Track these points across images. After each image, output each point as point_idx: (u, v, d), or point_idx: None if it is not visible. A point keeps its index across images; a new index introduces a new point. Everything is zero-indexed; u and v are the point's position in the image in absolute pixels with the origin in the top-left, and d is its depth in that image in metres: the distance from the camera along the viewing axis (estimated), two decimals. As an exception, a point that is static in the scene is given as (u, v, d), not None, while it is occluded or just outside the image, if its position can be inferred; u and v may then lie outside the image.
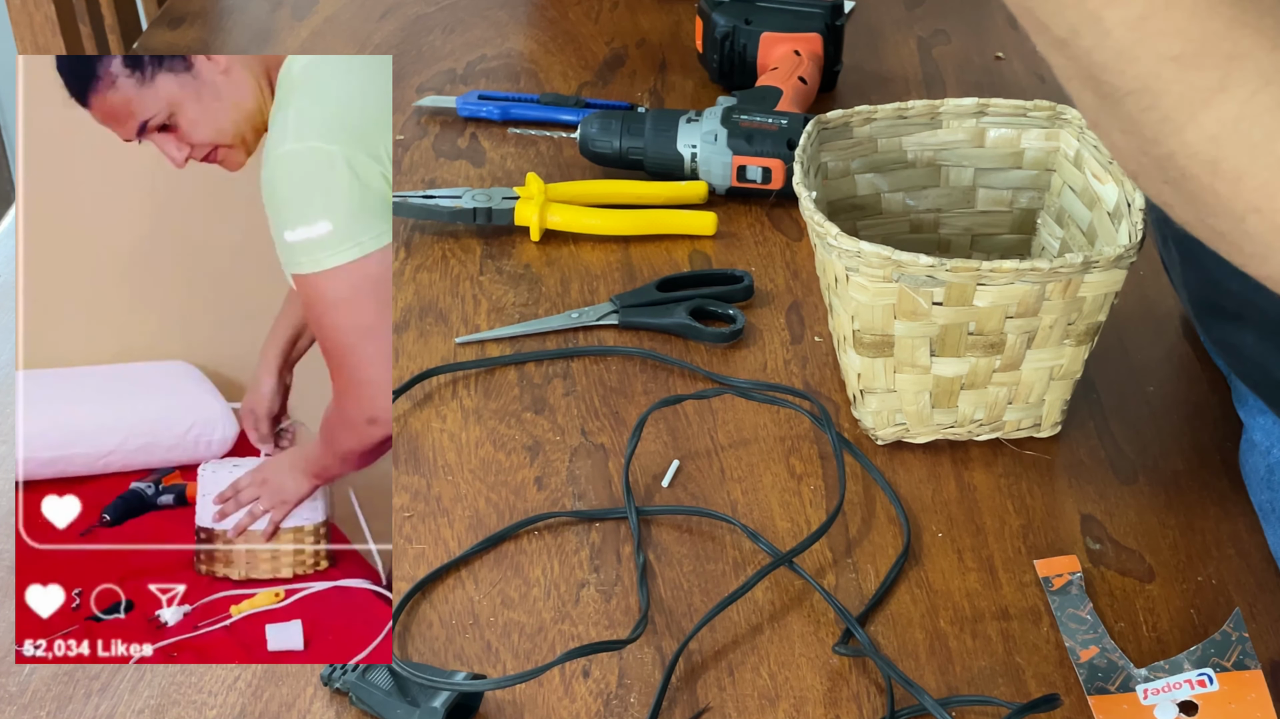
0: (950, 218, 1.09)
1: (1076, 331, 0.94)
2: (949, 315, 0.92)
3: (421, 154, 1.32)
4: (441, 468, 0.99)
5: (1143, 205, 0.93)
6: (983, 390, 0.96)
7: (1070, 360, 0.96)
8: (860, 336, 0.95)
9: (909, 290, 0.91)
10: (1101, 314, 0.94)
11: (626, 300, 1.12)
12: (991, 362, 0.95)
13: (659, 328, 1.10)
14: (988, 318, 0.92)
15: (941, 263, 0.89)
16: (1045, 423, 0.99)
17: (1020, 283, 0.90)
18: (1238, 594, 0.89)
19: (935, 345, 0.94)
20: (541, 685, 0.84)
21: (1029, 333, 0.93)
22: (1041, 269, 0.89)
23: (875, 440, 1.00)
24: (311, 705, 0.83)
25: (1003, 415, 0.98)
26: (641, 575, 0.90)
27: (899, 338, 0.94)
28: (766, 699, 0.83)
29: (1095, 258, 0.90)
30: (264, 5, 1.55)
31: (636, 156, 1.26)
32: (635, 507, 0.94)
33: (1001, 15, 1.55)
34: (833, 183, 1.07)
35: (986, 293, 0.91)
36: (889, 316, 0.93)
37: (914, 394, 0.96)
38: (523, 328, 1.10)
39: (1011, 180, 1.07)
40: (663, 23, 1.52)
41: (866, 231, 1.08)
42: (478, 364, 1.07)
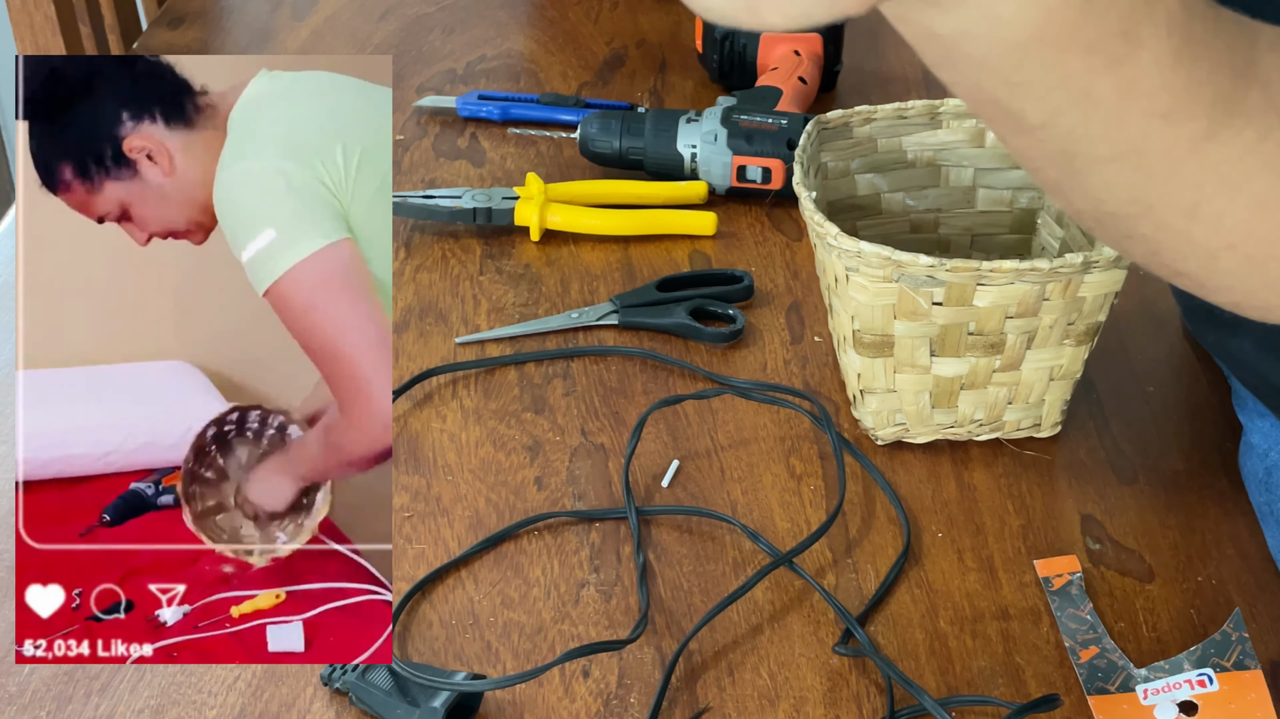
0: (950, 218, 1.09)
1: (1076, 331, 0.94)
2: (949, 315, 0.92)
3: (421, 154, 1.32)
4: (441, 468, 0.99)
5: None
6: (983, 391, 0.96)
7: (1070, 360, 0.96)
8: (860, 337, 0.95)
9: (909, 290, 0.91)
10: (1101, 314, 0.94)
11: (626, 300, 1.12)
12: (991, 362, 0.95)
13: (659, 328, 1.10)
14: (988, 318, 0.92)
15: (941, 263, 0.89)
16: (1045, 423, 0.99)
17: (1020, 283, 0.90)
18: (1238, 594, 0.89)
19: (935, 345, 0.94)
20: (541, 685, 0.84)
21: (1029, 333, 0.93)
22: (1041, 269, 0.89)
23: (875, 441, 1.00)
24: (311, 705, 0.83)
25: (1002, 415, 0.98)
26: (641, 575, 0.90)
27: (899, 338, 0.94)
28: (766, 699, 0.83)
29: (1095, 258, 0.90)
30: (264, 5, 1.55)
31: (636, 156, 1.26)
32: (635, 507, 0.94)
33: (1001, 15, 1.55)
34: (832, 182, 1.07)
35: (987, 293, 0.91)
36: (889, 317, 0.93)
37: (914, 394, 0.96)
38: (523, 328, 1.10)
39: (1011, 180, 1.07)
40: (663, 23, 1.52)
41: (866, 231, 1.08)
42: (478, 364, 1.07)
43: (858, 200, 1.08)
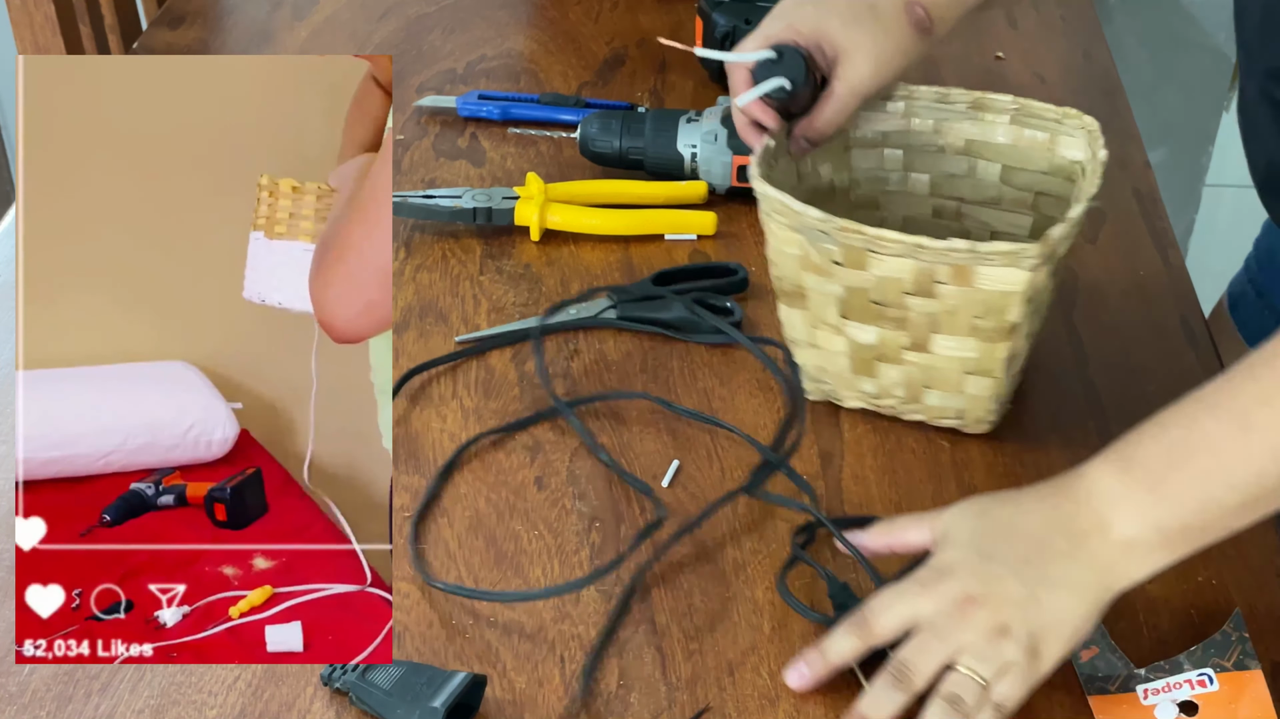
0: (973, 210, 1.09)
1: (985, 328, 0.93)
2: (849, 278, 0.93)
3: (421, 154, 1.32)
4: (442, 468, 0.99)
5: (1076, 216, 0.92)
6: (897, 365, 0.97)
7: (982, 357, 0.95)
8: (779, 284, 0.98)
9: (809, 244, 0.92)
10: (1012, 315, 0.92)
11: (624, 295, 1.12)
12: (899, 337, 0.96)
13: (658, 321, 1.10)
14: (886, 288, 0.93)
15: (831, 220, 0.91)
16: (969, 417, 0.99)
17: (910, 259, 0.91)
18: (1238, 594, 0.89)
19: (844, 308, 0.95)
20: (541, 685, 0.84)
21: (932, 315, 0.94)
22: (926, 247, 0.90)
23: (807, 397, 1.02)
24: (311, 705, 0.83)
25: (922, 397, 0.99)
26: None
27: (810, 291, 0.96)
28: (766, 699, 0.83)
29: (988, 252, 0.89)
30: (264, 5, 1.55)
31: (636, 156, 1.26)
32: (565, 402, 0.99)
33: (1001, 15, 1.55)
34: (860, 150, 1.07)
35: (880, 262, 0.92)
36: (798, 268, 0.95)
37: (833, 354, 0.98)
38: (522, 324, 1.10)
39: (1035, 183, 1.06)
40: (663, 23, 1.52)
41: (888, 207, 1.09)
42: (474, 351, 1.07)
43: (883, 174, 1.09)
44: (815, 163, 1.06)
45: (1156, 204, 1.25)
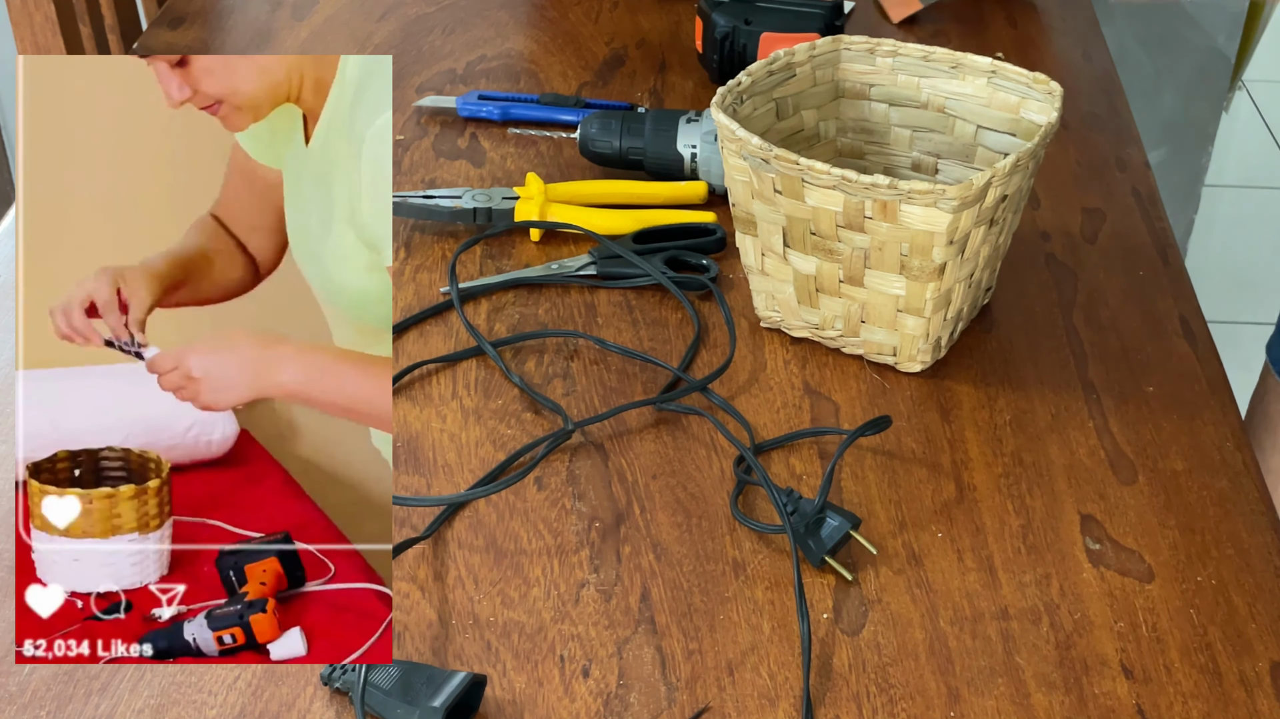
0: (949, 166, 1.14)
1: (912, 266, 0.98)
2: (789, 207, 1.00)
3: (421, 154, 1.32)
4: (441, 468, 0.99)
5: (1002, 166, 0.96)
6: (836, 298, 1.03)
7: (910, 295, 1.00)
8: (735, 210, 1.05)
9: (753, 170, 0.99)
10: (936, 256, 0.97)
11: (604, 253, 1.15)
12: (835, 269, 1.01)
13: (637, 277, 1.14)
14: (820, 219, 0.99)
15: (770, 148, 0.98)
16: (902, 354, 1.04)
17: (840, 191, 0.97)
18: (1238, 594, 0.90)
19: (787, 237, 1.02)
20: (541, 685, 0.84)
21: (864, 249, 0.99)
22: (852, 180, 0.95)
23: (762, 324, 1.09)
24: (311, 705, 0.83)
25: (859, 331, 1.05)
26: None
27: (758, 219, 1.03)
28: (766, 699, 0.83)
29: (909, 190, 0.95)
30: (264, 5, 1.55)
31: (636, 156, 1.26)
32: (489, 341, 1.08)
33: (1001, 15, 1.55)
34: (850, 101, 1.14)
35: (813, 192, 0.98)
36: (748, 195, 1.02)
37: (780, 283, 1.05)
38: (505, 278, 1.15)
39: (1004, 144, 1.11)
40: (663, 23, 1.52)
41: (871, 157, 1.16)
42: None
43: (870, 125, 1.15)
44: (798, 107, 1.12)
45: (1156, 204, 1.25)
